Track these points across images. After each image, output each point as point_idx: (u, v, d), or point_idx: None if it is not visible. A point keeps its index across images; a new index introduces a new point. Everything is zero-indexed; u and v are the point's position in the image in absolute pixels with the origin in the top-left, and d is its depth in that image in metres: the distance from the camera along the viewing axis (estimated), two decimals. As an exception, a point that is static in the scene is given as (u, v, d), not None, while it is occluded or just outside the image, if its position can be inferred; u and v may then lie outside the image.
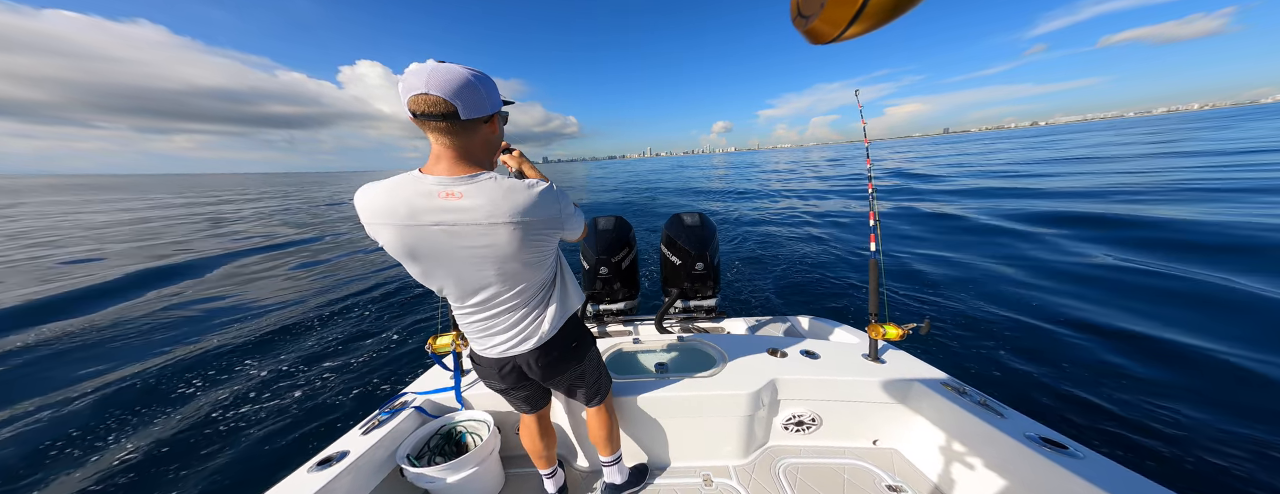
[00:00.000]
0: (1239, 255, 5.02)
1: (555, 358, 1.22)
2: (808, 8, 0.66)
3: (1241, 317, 3.65)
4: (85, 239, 11.93)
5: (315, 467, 1.32)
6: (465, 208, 0.93)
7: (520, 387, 1.32)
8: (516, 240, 0.98)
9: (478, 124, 0.94)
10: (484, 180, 0.95)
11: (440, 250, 0.97)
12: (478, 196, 0.93)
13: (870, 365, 1.78)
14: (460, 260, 0.99)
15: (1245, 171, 11.19)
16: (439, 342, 1.73)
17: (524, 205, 0.95)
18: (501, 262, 1.01)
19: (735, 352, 1.91)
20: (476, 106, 0.90)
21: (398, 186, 0.93)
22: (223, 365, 3.92)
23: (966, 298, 4.62)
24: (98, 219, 17.69)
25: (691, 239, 2.61)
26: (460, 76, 0.86)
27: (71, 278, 7.20)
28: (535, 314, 1.15)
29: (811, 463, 1.74)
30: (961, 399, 1.53)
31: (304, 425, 3.01)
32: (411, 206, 0.92)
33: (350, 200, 3.14)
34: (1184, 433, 2.44)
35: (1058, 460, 1.19)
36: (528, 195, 0.96)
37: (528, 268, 1.06)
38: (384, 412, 1.63)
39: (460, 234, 0.95)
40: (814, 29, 0.66)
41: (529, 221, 0.97)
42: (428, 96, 0.85)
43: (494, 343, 1.17)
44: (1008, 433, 1.33)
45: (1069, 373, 3.09)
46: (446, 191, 0.92)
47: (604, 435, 1.51)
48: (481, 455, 1.54)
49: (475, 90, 0.89)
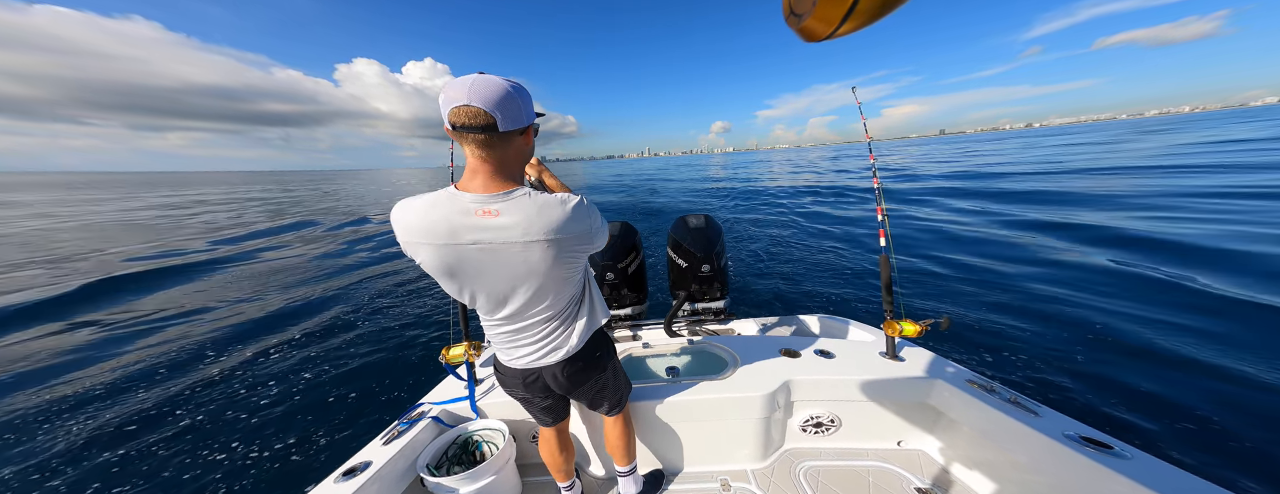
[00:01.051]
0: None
1: (580, 369, 1.22)
2: (800, 6, 0.66)
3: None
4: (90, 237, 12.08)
5: (341, 477, 1.34)
6: (502, 226, 0.93)
7: (544, 397, 1.31)
8: (551, 257, 0.98)
9: (513, 136, 0.94)
10: (518, 197, 0.95)
11: (478, 267, 0.98)
12: (514, 214, 0.93)
13: (888, 364, 1.74)
14: (496, 276, 1.00)
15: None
16: (452, 352, 1.73)
17: (558, 222, 0.95)
18: (535, 277, 1.01)
19: (747, 353, 1.89)
20: (514, 118, 0.91)
21: (435, 205, 0.93)
22: (238, 375, 3.95)
23: (985, 294, 4.56)
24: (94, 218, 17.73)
25: (697, 241, 2.60)
26: (501, 88, 0.87)
27: (57, 276, 7.29)
28: (564, 327, 1.16)
29: (833, 465, 1.71)
30: (990, 397, 1.46)
31: (319, 433, 3.03)
32: (451, 225, 0.92)
33: (343, 198, 2.97)
34: (1240, 430, 2.33)
35: (1103, 461, 1.12)
36: (561, 212, 0.96)
37: (560, 283, 1.07)
38: (403, 422, 1.64)
39: (497, 251, 0.95)
40: (807, 27, 0.66)
41: (563, 238, 0.97)
42: (469, 108, 0.85)
43: (521, 354, 1.18)
44: (1045, 432, 1.26)
45: (1107, 369, 2.99)
46: (483, 209, 0.93)
47: (622, 445, 1.50)
48: (498, 464, 1.54)
49: (514, 102, 0.89)
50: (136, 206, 25.26)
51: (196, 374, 4.10)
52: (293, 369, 4.09)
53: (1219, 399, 2.64)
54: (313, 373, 3.98)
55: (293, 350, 4.55)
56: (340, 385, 3.71)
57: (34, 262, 9.34)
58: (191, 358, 4.48)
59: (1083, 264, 5.18)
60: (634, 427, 1.68)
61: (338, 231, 12.94)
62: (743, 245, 8.15)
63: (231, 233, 13.02)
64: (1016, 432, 1.33)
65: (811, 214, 10.70)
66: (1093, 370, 3.04)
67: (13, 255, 10.07)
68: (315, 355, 4.38)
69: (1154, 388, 2.81)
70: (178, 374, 4.13)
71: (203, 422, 3.31)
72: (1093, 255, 5.45)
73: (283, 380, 3.88)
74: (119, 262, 9.14)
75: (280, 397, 3.58)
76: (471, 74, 0.89)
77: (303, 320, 5.44)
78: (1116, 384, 2.88)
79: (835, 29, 0.62)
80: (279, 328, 5.22)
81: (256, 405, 3.48)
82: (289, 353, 4.48)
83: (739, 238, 8.82)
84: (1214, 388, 2.76)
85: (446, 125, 0.91)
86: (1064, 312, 3.99)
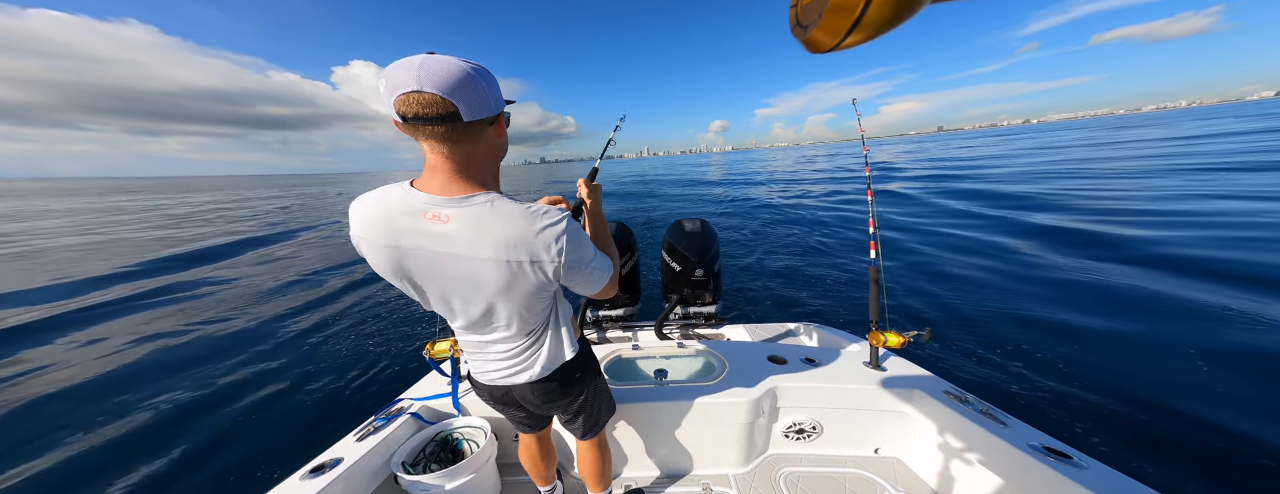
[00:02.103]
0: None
1: (553, 389, 1.12)
2: (806, 17, 0.66)
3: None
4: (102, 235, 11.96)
5: (307, 474, 1.31)
6: (446, 234, 0.80)
7: (518, 410, 1.24)
8: (500, 279, 0.84)
9: (482, 127, 0.80)
10: (477, 203, 0.80)
11: (423, 274, 0.86)
12: (463, 222, 0.79)
13: (871, 373, 1.76)
14: (444, 286, 0.88)
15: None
16: (437, 347, 1.72)
17: (515, 240, 0.80)
18: (485, 296, 0.88)
19: (735, 359, 1.90)
20: (481, 106, 0.76)
21: (385, 200, 0.82)
22: (209, 368, 3.90)
23: (967, 306, 4.60)
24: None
25: (692, 245, 2.61)
26: (458, 70, 0.72)
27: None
28: (531, 350, 1.04)
29: (812, 471, 1.72)
30: (964, 408, 1.51)
31: (296, 430, 2.99)
32: (393, 224, 0.81)
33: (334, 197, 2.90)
34: (1195, 440, 2.42)
35: (1061, 470, 1.18)
36: (523, 228, 0.80)
37: (520, 307, 0.93)
38: (380, 418, 1.62)
39: (440, 262, 0.83)
40: (812, 38, 0.67)
41: (520, 262, 0.82)
42: (421, 95, 0.70)
43: (488, 370, 1.07)
44: (1011, 442, 1.32)
45: (1072, 381, 3.07)
46: (433, 213, 0.80)
47: (596, 471, 1.39)
48: (478, 463, 1.52)
49: (478, 86, 0.74)
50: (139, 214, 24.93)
51: (165, 371, 4.05)
52: (274, 363, 4.04)
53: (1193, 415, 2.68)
54: (292, 368, 3.94)
55: (275, 343, 4.50)
56: (317, 379, 3.67)
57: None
58: (165, 354, 4.42)
59: (1060, 275, 5.24)
60: (617, 427, 1.67)
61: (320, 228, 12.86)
62: (736, 251, 8.17)
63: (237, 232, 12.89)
64: (985, 441, 1.40)
65: (806, 222, 10.76)
66: (1065, 382, 3.09)
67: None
68: (297, 349, 4.34)
69: (1122, 396, 2.86)
70: (147, 373, 4.07)
71: (167, 415, 3.26)
72: (1064, 263, 5.51)
73: (260, 375, 3.83)
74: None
75: (253, 390, 3.54)
76: (418, 55, 0.72)
77: (287, 314, 5.38)
78: (1085, 395, 2.92)
79: (841, 40, 0.62)
80: (263, 322, 5.16)
81: (228, 398, 3.43)
82: (271, 347, 4.43)
83: (733, 244, 8.84)
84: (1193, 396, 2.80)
85: (394, 118, 0.75)
86: (1042, 322, 4.02)
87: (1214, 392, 2.85)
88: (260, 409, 3.25)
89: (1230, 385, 2.88)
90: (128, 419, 3.16)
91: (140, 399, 3.42)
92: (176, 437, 2.95)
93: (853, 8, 0.57)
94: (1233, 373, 3.01)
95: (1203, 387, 2.91)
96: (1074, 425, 2.63)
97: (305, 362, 4.00)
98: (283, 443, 2.88)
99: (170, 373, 3.86)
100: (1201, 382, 2.97)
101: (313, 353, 4.20)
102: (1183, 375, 3.05)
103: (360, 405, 3.27)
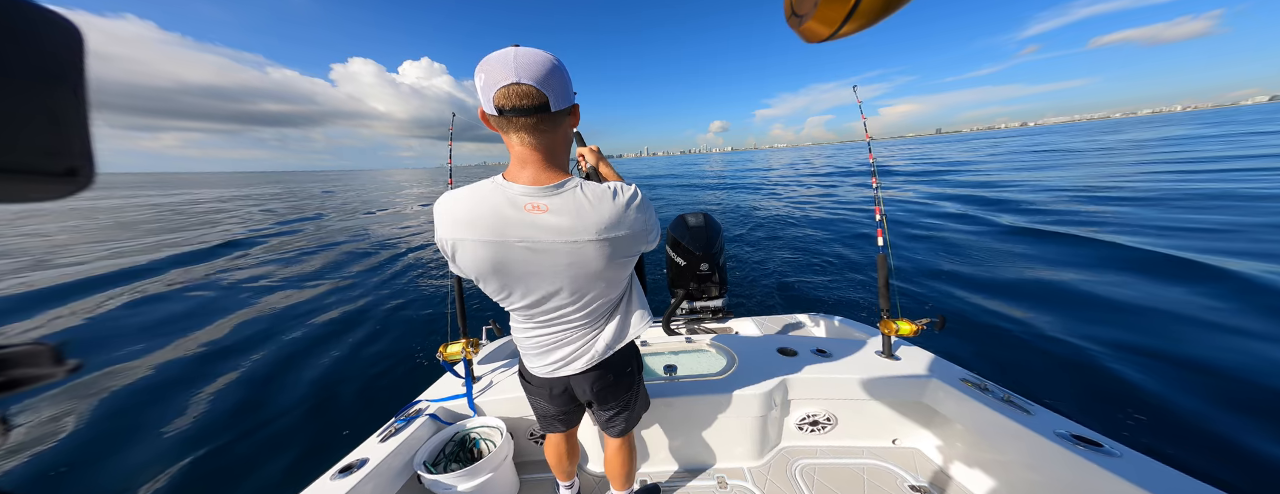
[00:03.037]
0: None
1: (610, 382, 1.14)
2: (801, 7, 0.67)
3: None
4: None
5: (337, 474, 1.34)
6: (551, 224, 0.84)
7: (566, 407, 1.24)
8: (602, 257, 0.89)
9: (563, 116, 0.84)
10: (570, 190, 0.85)
11: (522, 266, 0.89)
12: (564, 211, 0.84)
13: (884, 363, 1.75)
14: (541, 275, 0.91)
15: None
16: (450, 349, 1.73)
17: (612, 219, 0.86)
18: (582, 278, 0.93)
19: (744, 352, 1.90)
20: (563, 95, 0.80)
21: (485, 196, 0.85)
22: (231, 371, 3.94)
23: (980, 293, 4.58)
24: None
25: (696, 239, 2.61)
26: (547, 62, 0.75)
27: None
28: (594, 332, 1.07)
29: (829, 463, 1.72)
30: (984, 396, 1.48)
31: (319, 430, 3.03)
32: (500, 218, 0.83)
33: (336, 197, 2.88)
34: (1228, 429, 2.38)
35: (1093, 459, 1.14)
36: (614, 208, 0.86)
37: (604, 284, 0.98)
38: (400, 419, 1.64)
39: (545, 251, 0.86)
40: (808, 28, 0.67)
41: (618, 237, 0.88)
42: (520, 87, 0.74)
43: (548, 361, 1.09)
44: (1036, 430, 1.28)
45: (1101, 371, 3.02)
46: (532, 203, 0.83)
47: (623, 470, 1.39)
48: (495, 461, 1.54)
49: (561, 76, 0.78)
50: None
51: (186, 378, 4.08)
52: (286, 368, 4.08)
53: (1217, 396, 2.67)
54: (307, 371, 3.97)
55: (287, 348, 4.53)
56: (335, 384, 3.70)
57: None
58: (180, 360, 4.45)
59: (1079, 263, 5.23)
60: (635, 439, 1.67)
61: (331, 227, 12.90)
62: (741, 244, 8.16)
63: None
64: (1009, 429, 1.35)
65: (810, 214, 10.73)
66: (1088, 368, 3.07)
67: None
68: (310, 353, 4.37)
69: (1152, 386, 2.84)
70: (158, 378, 4.11)
71: (192, 420, 3.30)
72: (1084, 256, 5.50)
73: (277, 379, 3.87)
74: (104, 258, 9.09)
75: (274, 395, 3.57)
76: (507, 48, 0.75)
77: (300, 316, 5.42)
78: (1112, 382, 2.91)
79: (837, 30, 0.63)
80: (273, 325, 5.20)
81: (249, 404, 3.47)
82: (283, 351, 4.47)
83: (738, 237, 8.84)
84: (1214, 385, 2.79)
85: (489, 111, 0.78)
86: (1058, 308, 4.01)
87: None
88: (273, 409, 3.29)
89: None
90: (130, 422, 3.20)
91: (146, 400, 3.47)
92: (196, 438, 2.99)
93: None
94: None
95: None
96: (1107, 413, 2.56)
97: (313, 360, 4.04)
98: (300, 441, 2.91)
99: (197, 366, 3.91)
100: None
101: (317, 353, 4.23)
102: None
103: (372, 407, 3.31)
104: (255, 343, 4.65)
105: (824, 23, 0.62)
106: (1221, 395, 2.66)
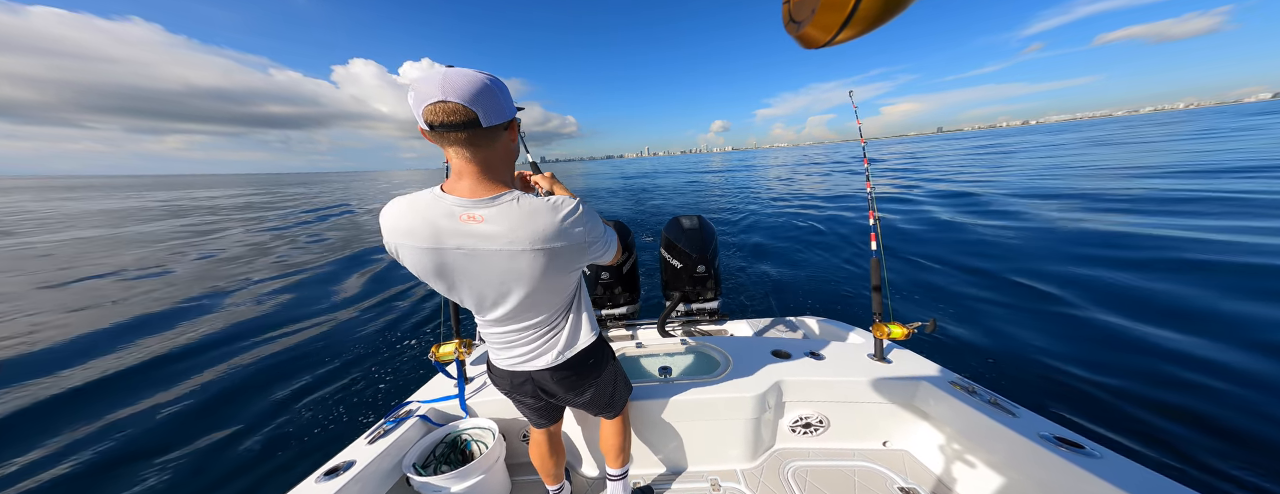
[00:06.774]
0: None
1: (568, 375, 1.18)
2: (799, 14, 0.67)
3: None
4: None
5: (322, 477, 1.32)
6: (485, 233, 0.87)
7: (534, 399, 1.29)
8: (539, 267, 0.92)
9: (498, 132, 0.88)
10: (505, 202, 0.88)
11: (461, 270, 0.93)
12: (499, 221, 0.87)
13: (876, 366, 1.76)
14: (483, 281, 0.95)
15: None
16: (442, 350, 1.72)
17: (547, 231, 0.89)
18: (523, 285, 0.96)
19: (739, 354, 1.90)
20: (496, 112, 0.84)
21: (422, 206, 0.89)
22: (222, 374, 3.91)
23: (971, 297, 4.61)
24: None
25: (691, 242, 2.61)
26: (477, 81, 0.80)
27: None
28: (552, 333, 1.12)
29: (820, 465, 1.73)
30: (971, 398, 1.51)
31: (307, 434, 3.00)
32: (435, 228, 0.88)
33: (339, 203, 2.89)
34: (1209, 433, 2.40)
35: (1074, 460, 1.17)
36: (550, 220, 0.89)
37: (551, 292, 1.03)
38: (389, 421, 1.63)
39: (480, 257, 0.90)
40: (806, 34, 0.68)
41: (555, 248, 0.91)
42: (446, 105, 0.78)
43: (511, 356, 1.15)
44: (1021, 432, 1.30)
45: (1081, 371, 3.07)
46: (467, 214, 0.87)
47: (616, 445, 1.46)
48: (487, 463, 1.53)
49: (494, 94, 0.83)
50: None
51: (169, 373, 4.05)
52: (273, 367, 4.05)
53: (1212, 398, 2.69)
54: (296, 372, 3.94)
55: (272, 346, 4.51)
56: (324, 384, 3.68)
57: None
58: (161, 357, 4.42)
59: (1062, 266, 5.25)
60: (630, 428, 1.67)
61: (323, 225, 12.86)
62: (737, 247, 8.17)
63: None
64: (994, 431, 1.38)
65: (805, 217, 10.76)
66: (1073, 372, 3.09)
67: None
68: (298, 353, 4.34)
69: (1132, 388, 2.86)
70: (146, 374, 4.08)
71: (182, 419, 3.27)
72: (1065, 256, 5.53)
73: (263, 380, 3.84)
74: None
75: (257, 398, 3.55)
76: (439, 67, 0.82)
77: (286, 315, 5.39)
78: (1093, 385, 2.92)
79: (834, 36, 0.63)
80: (258, 322, 5.17)
81: (232, 407, 3.44)
82: (268, 350, 4.44)
83: (733, 239, 8.85)
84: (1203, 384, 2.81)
85: (421, 126, 0.83)
86: (1049, 313, 4.03)
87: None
88: (263, 413, 3.26)
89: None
90: (125, 421, 3.18)
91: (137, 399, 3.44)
92: (179, 439, 2.96)
93: (844, 5, 0.57)
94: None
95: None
96: (1088, 415, 2.60)
97: (308, 363, 4.01)
98: (289, 445, 2.89)
99: (184, 376, 3.88)
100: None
101: (315, 353, 4.21)
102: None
103: (361, 409, 3.29)
104: (238, 345, 4.62)
105: (821, 29, 0.62)
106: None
